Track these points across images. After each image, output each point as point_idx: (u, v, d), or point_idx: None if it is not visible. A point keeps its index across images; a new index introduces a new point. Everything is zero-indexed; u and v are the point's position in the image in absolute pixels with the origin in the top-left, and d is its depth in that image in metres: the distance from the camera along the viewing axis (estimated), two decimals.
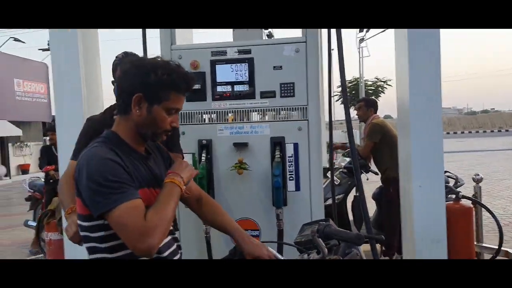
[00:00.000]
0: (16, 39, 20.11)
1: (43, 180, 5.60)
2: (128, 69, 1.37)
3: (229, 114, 2.57)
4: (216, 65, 2.53)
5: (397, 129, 2.83)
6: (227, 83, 2.53)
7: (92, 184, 1.24)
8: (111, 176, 1.23)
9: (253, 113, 2.58)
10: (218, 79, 2.54)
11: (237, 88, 2.53)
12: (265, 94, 2.51)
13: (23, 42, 20.59)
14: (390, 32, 2.60)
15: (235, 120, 2.55)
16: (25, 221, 5.61)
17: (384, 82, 33.74)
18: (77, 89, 2.56)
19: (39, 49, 21.87)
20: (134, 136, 1.39)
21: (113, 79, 2.04)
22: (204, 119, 2.60)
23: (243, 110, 2.54)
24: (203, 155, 2.51)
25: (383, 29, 23.58)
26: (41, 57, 18.28)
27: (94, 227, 1.31)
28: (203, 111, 2.57)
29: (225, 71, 2.53)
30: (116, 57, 2.03)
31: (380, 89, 34.67)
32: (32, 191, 5.65)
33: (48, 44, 24.38)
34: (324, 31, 2.53)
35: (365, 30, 24.00)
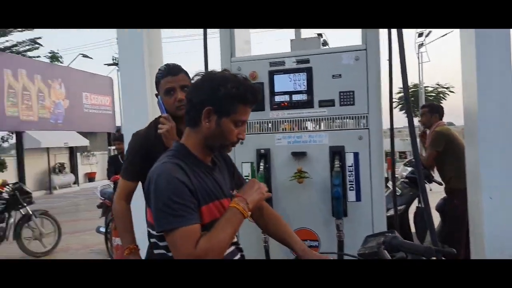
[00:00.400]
0: (84, 55, 21.56)
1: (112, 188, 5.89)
2: (199, 83, 1.42)
3: (285, 123, 2.57)
4: (274, 75, 2.55)
5: (463, 137, 2.69)
6: (285, 93, 2.55)
7: (157, 201, 1.31)
8: (175, 197, 1.29)
9: (311, 122, 2.56)
10: (276, 89, 2.56)
11: (295, 97, 2.53)
12: (323, 103, 2.49)
13: (91, 58, 22.01)
14: (451, 36, 2.49)
15: (293, 130, 2.55)
16: (97, 227, 5.95)
17: (446, 88, 32.29)
18: (143, 100, 2.69)
19: (105, 64, 23.22)
20: (202, 148, 1.44)
21: (156, 92, 2.08)
22: (262, 129, 2.63)
23: (301, 119, 2.53)
24: (261, 164, 2.53)
25: (444, 34, 22.63)
26: (106, 72, 19.62)
27: (161, 237, 1.37)
28: (261, 120, 2.60)
29: (283, 81, 2.54)
30: (159, 69, 2.06)
31: (442, 96, 33.19)
32: (103, 198, 5.96)
33: (113, 59, 25.84)
34: (384, 38, 2.47)
35: (424, 35, 23.15)
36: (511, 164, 2.28)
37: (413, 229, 4.14)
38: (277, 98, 2.56)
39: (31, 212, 6.22)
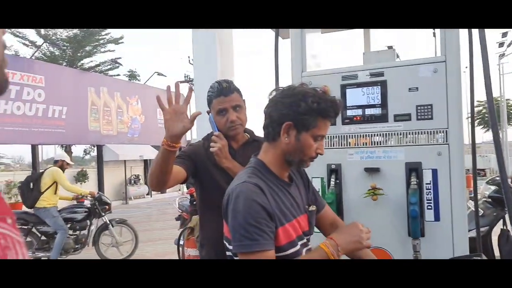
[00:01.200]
0: (159, 74, 22.79)
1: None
2: (279, 98, 1.43)
3: (351, 139, 2.50)
4: (347, 89, 2.51)
5: None
6: (358, 107, 2.49)
7: (234, 221, 1.32)
8: (252, 220, 1.29)
9: (385, 137, 2.47)
10: (349, 103, 2.51)
11: (368, 111, 2.46)
12: (399, 117, 2.39)
13: (165, 76, 23.23)
14: None
15: (366, 145, 2.48)
16: (175, 240, 6.19)
17: None
18: None
19: (178, 82, 24.41)
20: (281, 163, 1.45)
21: (208, 110, 2.09)
22: (333, 144, 2.58)
23: (375, 134, 2.45)
24: (332, 179, 2.49)
25: None
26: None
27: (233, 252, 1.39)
28: (333, 135, 2.56)
29: (356, 95, 2.49)
30: (211, 88, 2.08)
31: None
32: (180, 211, 6.19)
33: (185, 77, 27.05)
34: (465, 50, 2.34)
35: (505, 44, 21.63)
36: None
37: (496, 253, 3.82)
38: (349, 112, 2.51)
39: (108, 221, 6.64)
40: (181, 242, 5.57)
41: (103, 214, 6.59)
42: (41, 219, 6.07)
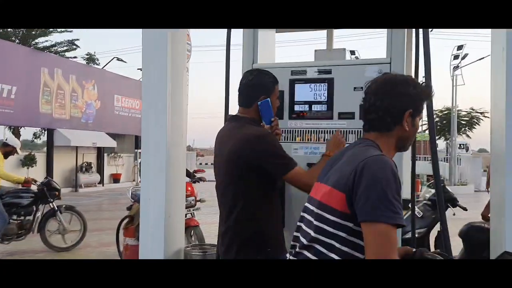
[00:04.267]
0: (119, 59, 22.14)
1: None
2: (391, 87, 1.45)
3: (297, 133, 2.53)
4: (295, 84, 2.52)
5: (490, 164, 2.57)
6: (305, 103, 2.50)
7: (381, 191, 1.27)
8: (397, 194, 1.29)
9: (330, 134, 2.50)
10: (296, 98, 2.52)
11: (315, 108, 2.49)
12: (343, 115, 2.43)
13: (125, 62, 22.59)
14: (488, 60, 2.40)
15: (310, 140, 2.50)
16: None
17: (480, 113, 31.42)
18: (163, 105, 2.70)
19: (138, 69, 23.78)
20: (390, 151, 1.49)
21: (264, 96, 2.12)
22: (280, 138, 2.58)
23: (319, 130, 2.48)
24: None
25: (480, 58, 22.06)
26: (138, 76, 20.15)
27: (339, 225, 1.34)
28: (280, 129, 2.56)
29: (303, 91, 2.50)
30: (267, 73, 2.19)
31: (475, 121, 32.28)
32: (133, 200, 6.07)
33: None
34: (411, 51, 2.40)
35: (460, 57, 22.64)
36: None
37: None
38: (297, 107, 2.52)
39: (56, 208, 6.38)
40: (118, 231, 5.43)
41: (51, 200, 6.35)
42: None
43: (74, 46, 22.09)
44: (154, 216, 2.66)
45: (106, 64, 21.90)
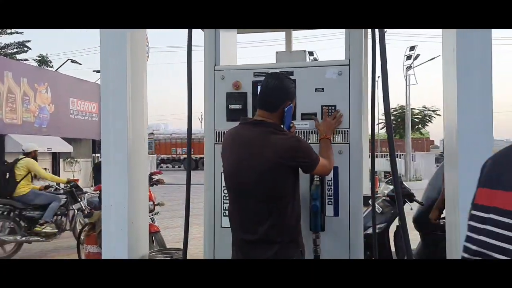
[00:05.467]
0: (73, 61, 21.40)
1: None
2: None
3: None
4: (258, 86, 2.54)
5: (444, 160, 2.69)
6: None
7: None
8: None
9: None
10: None
11: None
12: (306, 116, 2.48)
13: (80, 64, 21.86)
14: (439, 60, 2.52)
15: None
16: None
17: (432, 111, 32.82)
18: (123, 107, 2.64)
19: (93, 71, 23.06)
20: None
21: (290, 101, 2.19)
22: None
23: None
24: None
25: (431, 58, 23.05)
26: (95, 79, 19.51)
27: None
28: None
29: None
30: (291, 79, 2.28)
31: (428, 118, 33.68)
32: (89, 208, 5.88)
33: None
34: (369, 54, 2.49)
35: (412, 57, 23.54)
36: None
37: (393, 248, 4.12)
38: None
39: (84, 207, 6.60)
40: (79, 239, 5.26)
41: (79, 199, 6.54)
42: (27, 204, 6.22)
43: (25, 48, 21.11)
44: (117, 222, 2.60)
45: (60, 66, 21.05)
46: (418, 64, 24.18)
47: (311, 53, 22.10)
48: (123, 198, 2.58)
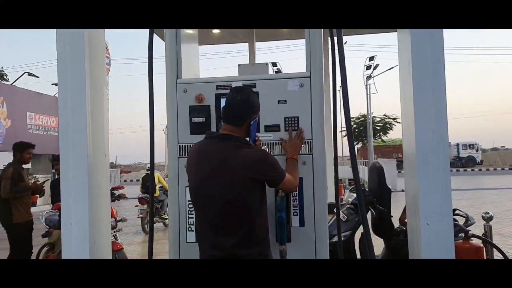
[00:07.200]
0: (30, 74, 20.66)
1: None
2: None
3: None
4: (221, 98, 2.53)
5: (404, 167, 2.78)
6: None
7: None
8: None
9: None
10: None
11: None
12: (269, 128, 2.50)
13: (37, 77, 21.14)
14: (397, 70, 2.61)
15: None
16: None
17: (393, 119, 33.88)
18: (82, 120, 2.56)
19: (52, 84, 22.34)
20: None
21: (256, 116, 2.23)
22: None
23: None
24: None
25: (390, 67, 23.85)
26: (54, 92, 18.90)
27: None
28: None
29: None
30: (255, 95, 2.29)
31: (388, 126, 34.73)
32: (48, 227, 5.61)
33: None
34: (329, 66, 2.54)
35: (372, 67, 24.27)
36: (447, 192, 2.37)
37: (359, 255, 4.18)
38: None
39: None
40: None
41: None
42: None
43: None
44: (78, 242, 2.50)
45: (16, 80, 20.28)
46: (377, 74, 24.97)
47: (274, 64, 22.45)
48: (83, 216, 2.50)
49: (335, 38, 2.31)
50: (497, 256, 3.69)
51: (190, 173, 2.20)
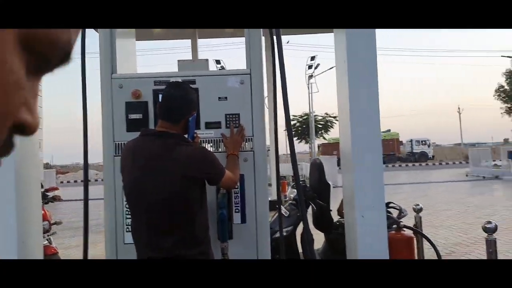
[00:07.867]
0: None
1: None
2: None
3: None
4: (160, 95, 2.47)
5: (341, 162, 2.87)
6: None
7: None
8: None
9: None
10: None
11: None
12: (210, 125, 2.47)
13: None
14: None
15: None
16: None
17: (333, 117, 35.04)
18: None
19: None
20: None
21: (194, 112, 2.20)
22: None
23: None
24: None
25: (331, 67, 24.63)
26: None
27: None
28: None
29: None
30: (194, 91, 2.26)
31: (329, 124, 35.88)
32: None
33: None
34: (269, 62, 2.57)
35: (313, 67, 24.92)
36: (380, 186, 2.49)
37: (301, 250, 4.28)
38: None
39: None
40: None
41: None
42: None
43: None
44: (4, 244, 2.34)
45: None
46: (319, 73, 25.67)
47: (218, 62, 22.35)
48: (11, 217, 2.34)
49: (274, 37, 2.33)
50: (427, 245, 3.93)
51: (125, 172, 2.11)
